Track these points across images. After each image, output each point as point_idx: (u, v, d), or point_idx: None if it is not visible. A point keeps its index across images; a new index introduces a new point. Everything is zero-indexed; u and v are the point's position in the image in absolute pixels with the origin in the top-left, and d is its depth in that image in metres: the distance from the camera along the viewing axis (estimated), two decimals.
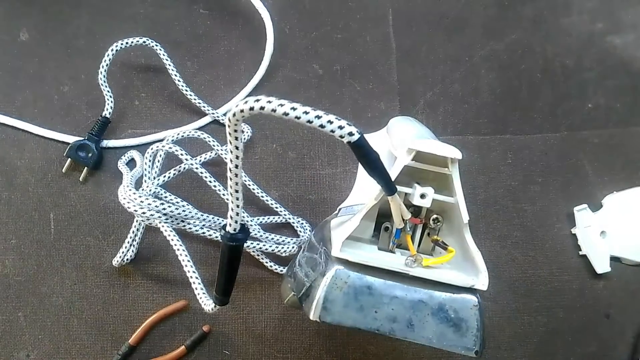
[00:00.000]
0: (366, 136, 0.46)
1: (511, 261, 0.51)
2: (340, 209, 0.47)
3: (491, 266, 0.50)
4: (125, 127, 0.52)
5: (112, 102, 0.51)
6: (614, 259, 0.51)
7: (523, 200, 0.52)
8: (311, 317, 0.28)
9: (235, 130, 0.23)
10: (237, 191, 0.24)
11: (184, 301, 0.48)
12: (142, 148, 0.51)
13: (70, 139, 0.51)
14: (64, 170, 0.50)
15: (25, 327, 0.48)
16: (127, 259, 0.48)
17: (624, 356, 0.50)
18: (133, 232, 0.47)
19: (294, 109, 0.21)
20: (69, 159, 0.50)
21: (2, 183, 0.50)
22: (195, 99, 0.51)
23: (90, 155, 0.50)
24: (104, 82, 0.50)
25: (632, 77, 0.55)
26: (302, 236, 0.49)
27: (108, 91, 0.51)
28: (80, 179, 0.50)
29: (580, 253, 0.51)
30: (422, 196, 0.28)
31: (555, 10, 0.57)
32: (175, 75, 0.51)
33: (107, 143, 0.51)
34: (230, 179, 0.24)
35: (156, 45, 0.51)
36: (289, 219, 0.50)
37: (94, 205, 0.50)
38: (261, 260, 0.49)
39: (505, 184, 0.52)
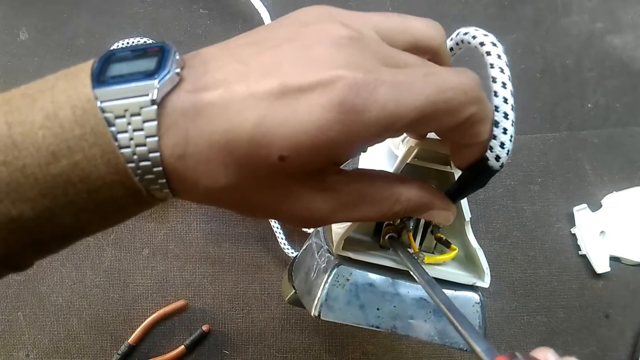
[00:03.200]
0: None
1: (511, 261, 0.51)
2: None
3: (491, 266, 0.50)
4: None
5: None
6: (614, 259, 0.51)
7: (523, 200, 0.52)
8: (313, 315, 0.28)
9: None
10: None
11: (183, 301, 0.48)
12: None
13: None
14: None
15: (24, 327, 0.48)
16: None
17: (623, 356, 0.50)
18: None
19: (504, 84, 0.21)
20: None
21: None
22: None
23: None
24: None
25: (632, 77, 0.55)
26: None
27: None
28: None
29: (580, 253, 0.51)
30: None
31: (555, 10, 0.57)
32: None
33: None
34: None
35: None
36: None
37: None
38: (278, 234, 0.48)
39: (504, 184, 0.52)
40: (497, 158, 0.21)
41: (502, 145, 0.21)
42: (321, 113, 0.18)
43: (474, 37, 0.23)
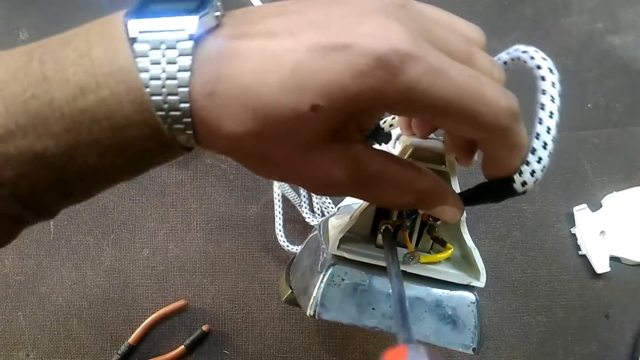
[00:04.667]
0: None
1: (511, 261, 0.51)
2: (339, 208, 0.47)
3: (491, 266, 0.51)
4: None
5: None
6: (614, 259, 0.51)
7: (522, 200, 0.52)
8: (308, 314, 0.28)
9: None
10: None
11: (183, 301, 0.48)
12: None
13: None
14: None
15: (24, 327, 0.48)
16: None
17: (623, 356, 0.50)
18: None
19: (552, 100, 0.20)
20: None
21: None
22: None
23: None
24: None
25: (632, 77, 0.55)
26: None
27: None
28: None
29: (580, 253, 0.51)
30: None
31: (555, 10, 0.57)
32: None
33: None
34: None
35: None
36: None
37: (93, 204, 0.50)
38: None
39: None
40: (524, 184, 0.21)
41: (532, 173, 0.21)
42: (358, 61, 0.17)
43: (531, 58, 0.23)
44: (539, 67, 0.22)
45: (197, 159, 0.52)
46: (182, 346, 0.48)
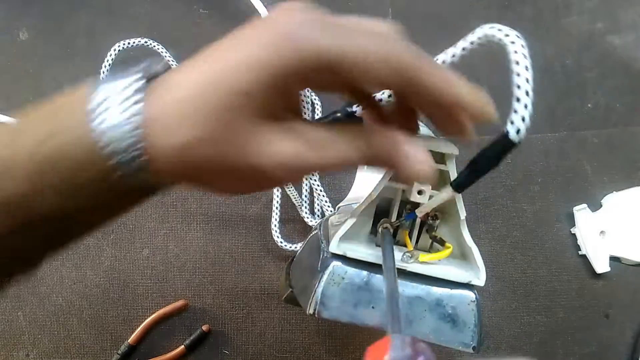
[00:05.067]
0: None
1: (511, 261, 0.51)
2: (339, 207, 0.47)
3: (491, 266, 0.51)
4: None
5: None
6: (614, 259, 0.51)
7: (523, 200, 0.52)
8: (308, 313, 0.28)
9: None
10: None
11: (183, 301, 0.48)
12: None
13: None
14: None
15: (24, 327, 0.48)
16: None
17: (623, 356, 0.50)
18: None
19: (527, 68, 0.23)
20: None
21: None
22: None
23: None
24: None
25: (632, 77, 0.55)
26: None
27: None
28: None
29: (580, 253, 0.51)
30: (420, 192, 0.28)
31: (555, 10, 0.57)
32: None
33: None
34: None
35: (158, 46, 0.51)
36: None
37: None
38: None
39: (504, 184, 0.52)
40: (518, 131, 0.23)
41: (523, 119, 0.23)
42: (268, 40, 0.21)
43: (499, 30, 0.26)
44: (507, 35, 0.26)
45: None
46: (182, 346, 0.48)
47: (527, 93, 0.23)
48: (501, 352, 0.50)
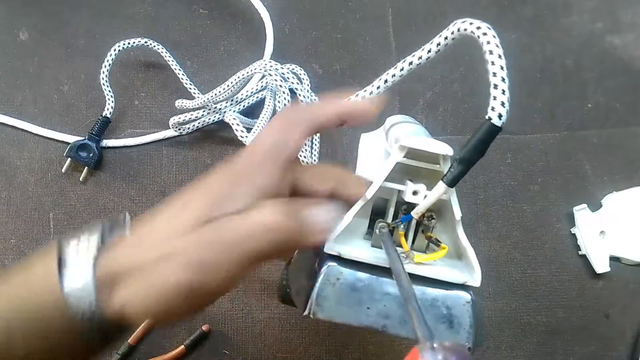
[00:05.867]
0: (364, 135, 0.46)
1: (511, 261, 0.51)
2: None
3: (491, 266, 0.51)
4: (125, 127, 0.52)
5: (113, 102, 0.51)
6: (614, 259, 0.51)
7: (522, 200, 0.52)
8: (304, 313, 0.28)
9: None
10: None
11: None
12: (142, 148, 0.52)
13: (70, 138, 0.51)
14: (63, 170, 0.50)
15: None
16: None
17: (623, 356, 0.50)
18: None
19: (500, 56, 0.25)
20: (69, 159, 0.50)
21: (2, 183, 0.50)
22: (200, 96, 0.51)
23: (91, 155, 0.50)
24: (106, 82, 0.50)
25: (632, 77, 0.55)
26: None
27: (109, 91, 0.51)
28: (81, 178, 0.50)
29: (580, 253, 0.51)
30: (415, 193, 0.28)
31: (555, 10, 0.57)
32: (180, 74, 0.51)
33: (107, 143, 0.51)
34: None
35: (158, 46, 0.51)
36: None
37: (93, 204, 0.50)
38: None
39: (504, 184, 0.52)
40: (500, 116, 0.24)
41: (502, 104, 0.24)
42: (259, 232, 0.24)
43: (471, 23, 0.28)
44: (478, 28, 0.27)
45: (197, 159, 0.52)
46: (182, 346, 0.47)
47: (502, 79, 0.24)
48: (501, 352, 0.50)
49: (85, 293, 0.24)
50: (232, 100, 0.51)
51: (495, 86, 0.24)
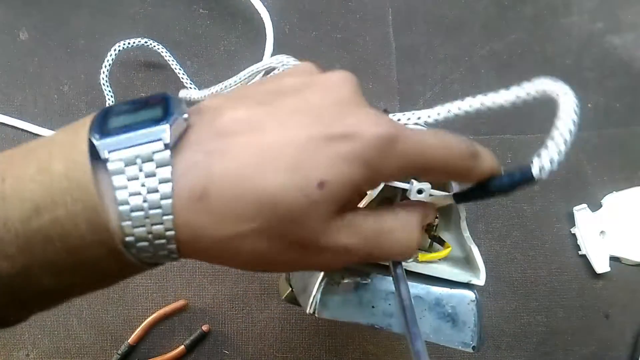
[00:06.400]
0: None
1: (510, 261, 0.51)
2: None
3: (490, 266, 0.51)
4: None
5: (113, 102, 0.51)
6: (614, 259, 0.51)
7: (522, 200, 0.52)
8: (308, 312, 0.28)
9: None
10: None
11: (183, 301, 0.48)
12: None
13: None
14: None
15: (24, 327, 0.48)
16: None
17: (623, 356, 0.50)
18: None
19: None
20: None
21: None
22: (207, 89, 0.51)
23: None
24: (106, 82, 0.50)
25: (632, 77, 0.55)
26: None
27: (110, 91, 0.51)
28: None
29: (580, 253, 0.51)
30: (419, 192, 0.28)
31: (555, 10, 0.57)
32: (181, 73, 0.51)
33: None
34: None
35: (158, 46, 0.51)
36: None
37: None
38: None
39: None
40: (541, 169, 0.22)
41: (551, 160, 0.23)
42: (359, 148, 0.19)
43: (555, 85, 0.25)
44: (564, 92, 0.24)
45: None
46: (182, 346, 0.48)
47: (565, 142, 0.23)
48: (501, 352, 0.50)
49: (147, 219, 0.17)
50: None
51: (553, 138, 0.23)
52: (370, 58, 0.55)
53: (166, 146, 0.17)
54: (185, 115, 0.18)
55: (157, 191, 0.17)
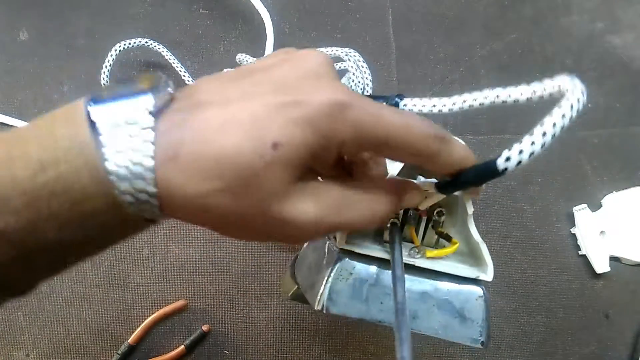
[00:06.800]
0: None
1: (511, 261, 0.51)
2: None
3: None
4: None
5: None
6: (614, 259, 0.51)
7: (522, 200, 0.52)
8: (316, 308, 0.28)
9: None
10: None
11: (183, 301, 0.48)
12: None
13: None
14: None
15: (24, 327, 0.48)
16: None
17: (623, 356, 0.50)
18: None
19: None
20: None
21: None
22: None
23: None
24: (107, 82, 0.50)
25: (632, 77, 0.55)
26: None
27: None
28: None
29: (580, 253, 0.51)
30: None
31: (555, 10, 0.57)
32: (182, 72, 0.51)
33: None
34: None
35: (158, 45, 0.51)
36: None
37: None
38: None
39: (504, 184, 0.52)
40: (507, 159, 0.21)
41: (521, 151, 0.21)
42: (317, 107, 0.20)
43: (572, 81, 0.23)
44: (574, 87, 0.22)
45: None
46: (182, 346, 0.47)
47: (543, 134, 0.21)
48: (501, 352, 0.50)
49: (135, 173, 0.19)
50: None
51: (532, 134, 0.21)
52: (370, 58, 0.55)
53: (150, 113, 0.20)
54: (170, 90, 0.21)
55: (139, 150, 0.19)
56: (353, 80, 0.48)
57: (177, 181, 0.19)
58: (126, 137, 0.19)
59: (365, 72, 0.48)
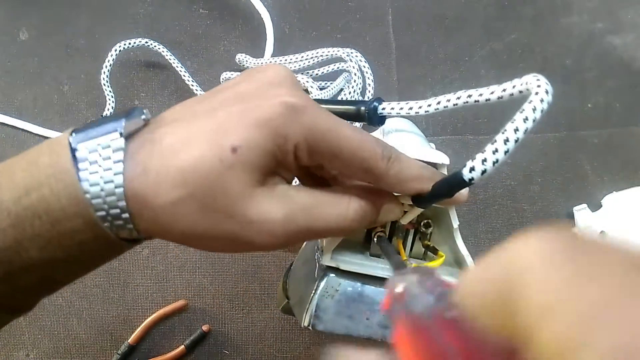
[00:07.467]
0: None
1: None
2: None
3: None
4: None
5: (113, 102, 0.51)
6: None
7: (522, 200, 0.52)
8: (303, 325, 0.28)
9: None
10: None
11: (183, 301, 0.48)
12: None
13: None
14: None
15: (24, 327, 0.48)
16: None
17: None
18: None
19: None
20: None
21: None
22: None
23: None
24: (107, 82, 0.50)
25: (632, 77, 0.55)
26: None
27: (110, 92, 0.51)
28: None
29: None
30: None
31: (555, 10, 0.57)
32: (182, 72, 0.51)
33: None
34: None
35: (158, 45, 0.51)
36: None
37: None
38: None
39: (504, 184, 0.52)
40: (472, 169, 0.21)
41: (484, 160, 0.21)
42: (271, 108, 0.21)
43: (537, 79, 0.23)
44: (538, 87, 0.22)
45: None
46: (182, 346, 0.47)
47: (506, 140, 0.21)
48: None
49: (108, 191, 0.21)
50: (306, 73, 0.51)
51: (495, 142, 0.21)
52: (370, 58, 0.55)
53: (121, 135, 0.21)
54: (144, 116, 0.22)
55: (110, 169, 0.21)
56: (355, 81, 0.48)
57: (146, 193, 0.21)
58: (100, 159, 0.21)
59: (367, 73, 0.48)
